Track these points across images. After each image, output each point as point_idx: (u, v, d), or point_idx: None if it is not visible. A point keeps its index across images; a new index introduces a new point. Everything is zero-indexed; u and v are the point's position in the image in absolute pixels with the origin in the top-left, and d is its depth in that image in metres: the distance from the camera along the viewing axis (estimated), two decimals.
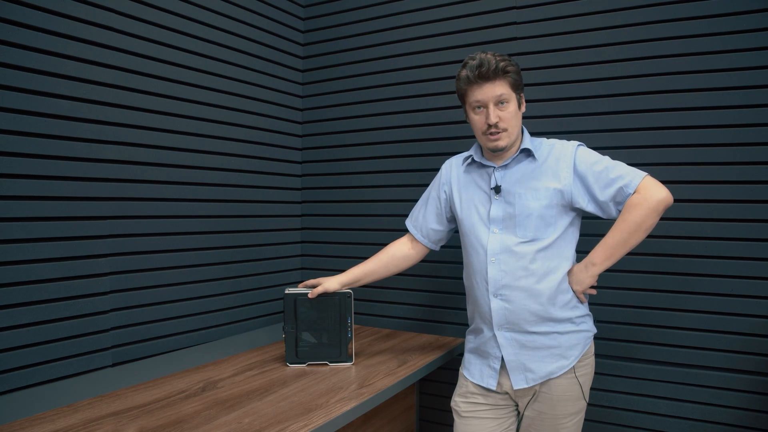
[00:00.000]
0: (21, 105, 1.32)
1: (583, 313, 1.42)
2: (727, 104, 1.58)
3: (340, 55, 2.23)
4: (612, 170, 1.34)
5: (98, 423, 1.16)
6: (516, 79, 1.35)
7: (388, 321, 2.16)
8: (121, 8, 1.55)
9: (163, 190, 1.71)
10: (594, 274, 1.37)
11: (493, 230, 1.40)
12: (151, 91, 1.65)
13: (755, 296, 1.57)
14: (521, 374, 1.39)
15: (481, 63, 1.32)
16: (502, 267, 1.37)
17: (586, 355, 1.41)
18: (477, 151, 1.49)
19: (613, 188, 1.33)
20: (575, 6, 1.77)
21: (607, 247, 1.35)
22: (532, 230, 1.37)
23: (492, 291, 1.39)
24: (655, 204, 1.29)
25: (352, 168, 2.22)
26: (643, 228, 1.31)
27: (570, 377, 1.38)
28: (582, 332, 1.40)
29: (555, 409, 1.39)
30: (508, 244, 1.37)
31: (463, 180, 1.51)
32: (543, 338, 1.37)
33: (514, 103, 1.36)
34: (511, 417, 1.46)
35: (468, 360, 1.52)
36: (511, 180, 1.41)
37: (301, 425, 1.14)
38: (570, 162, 1.37)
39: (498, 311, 1.39)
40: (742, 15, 1.56)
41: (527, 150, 1.41)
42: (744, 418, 1.59)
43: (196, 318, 1.83)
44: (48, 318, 1.40)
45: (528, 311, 1.36)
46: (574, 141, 1.42)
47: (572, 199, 1.36)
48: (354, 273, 1.62)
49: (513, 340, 1.39)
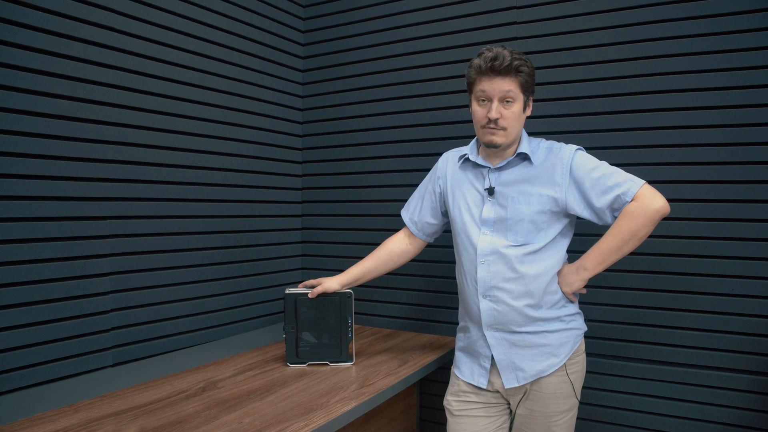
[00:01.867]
0: (21, 105, 1.32)
1: (572, 311, 1.42)
2: (727, 104, 1.58)
3: (341, 55, 2.23)
4: (610, 177, 1.32)
5: (99, 423, 1.16)
6: (527, 80, 1.33)
7: (389, 321, 2.16)
8: (121, 8, 1.55)
9: (163, 190, 1.71)
10: (584, 278, 1.37)
11: (484, 231, 1.40)
12: (151, 91, 1.65)
13: (755, 296, 1.57)
14: (512, 373, 1.39)
15: (496, 56, 1.30)
16: (492, 268, 1.37)
17: (577, 353, 1.41)
18: (473, 150, 1.47)
19: (610, 195, 1.31)
20: (575, 6, 1.77)
21: (600, 253, 1.35)
22: (524, 235, 1.36)
23: (481, 292, 1.39)
24: (651, 213, 1.28)
25: (353, 168, 2.22)
26: (637, 237, 1.30)
27: (561, 375, 1.38)
28: (571, 330, 1.40)
29: (547, 407, 1.39)
30: (497, 246, 1.37)
31: (458, 177, 1.50)
32: (533, 337, 1.37)
33: (519, 104, 1.34)
34: (504, 415, 1.46)
35: (458, 359, 1.52)
36: (505, 183, 1.40)
37: (301, 425, 1.14)
38: (566, 168, 1.35)
39: (487, 312, 1.39)
40: (742, 15, 1.56)
41: (524, 154, 1.39)
42: (744, 418, 1.59)
43: (197, 318, 1.83)
44: (48, 318, 1.40)
45: (517, 312, 1.36)
46: (572, 145, 1.40)
47: (567, 205, 1.35)
48: (353, 272, 1.62)
49: (503, 340, 1.39)
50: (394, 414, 1.88)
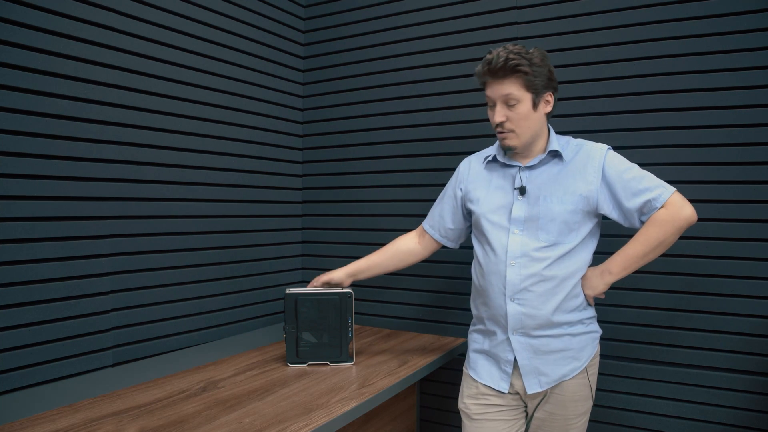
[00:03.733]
0: (21, 105, 1.32)
1: (591, 314, 1.41)
2: (727, 104, 1.58)
3: (341, 56, 2.23)
4: (641, 180, 1.31)
5: (99, 423, 1.16)
6: (531, 78, 1.28)
7: (389, 321, 2.16)
8: (121, 8, 1.55)
9: (163, 190, 1.71)
10: (609, 282, 1.36)
11: (513, 231, 1.36)
12: (151, 91, 1.65)
13: (756, 296, 1.57)
14: (535, 378, 1.37)
15: (492, 58, 1.28)
16: (522, 271, 1.34)
17: (595, 355, 1.41)
18: (500, 151, 1.44)
19: (640, 199, 1.30)
20: (576, 6, 1.77)
21: (627, 258, 1.33)
22: (555, 234, 1.33)
23: (509, 294, 1.35)
24: (681, 222, 1.28)
25: (353, 168, 2.22)
26: (664, 245, 1.30)
27: (582, 378, 1.37)
28: (591, 333, 1.40)
29: (566, 410, 1.38)
30: (528, 248, 1.34)
31: (484, 177, 1.47)
32: (556, 341, 1.35)
33: (526, 104, 1.30)
34: (522, 419, 1.44)
35: (475, 361, 1.47)
36: (537, 182, 1.37)
37: (301, 425, 1.14)
38: (598, 166, 1.33)
39: (514, 315, 1.35)
40: (742, 15, 1.56)
41: (555, 151, 1.37)
42: (744, 418, 1.59)
43: (197, 318, 1.83)
44: (48, 318, 1.40)
45: (542, 316, 1.34)
46: (602, 144, 1.38)
47: (597, 204, 1.33)
48: (359, 263, 1.62)
49: (527, 345, 1.36)
50: (394, 414, 1.88)
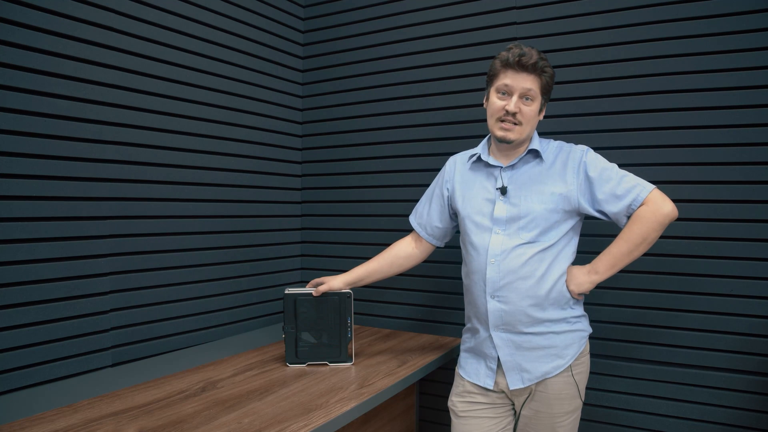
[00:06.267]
0: (21, 105, 1.33)
1: (578, 313, 1.42)
2: (727, 104, 1.58)
3: (340, 55, 2.23)
4: (621, 179, 1.34)
5: (98, 423, 1.16)
6: (548, 82, 1.36)
7: (388, 321, 2.16)
8: (121, 8, 1.55)
9: (163, 190, 1.71)
10: (594, 281, 1.38)
11: (495, 231, 1.40)
12: (151, 91, 1.65)
13: (755, 296, 1.57)
14: (517, 374, 1.39)
15: (525, 53, 1.32)
16: (501, 268, 1.37)
17: (582, 354, 1.41)
18: (485, 150, 1.48)
19: (620, 197, 1.33)
20: (575, 6, 1.77)
21: (612, 257, 1.36)
22: (536, 233, 1.36)
23: (489, 292, 1.39)
24: (662, 218, 1.30)
25: (352, 168, 2.22)
26: (647, 241, 1.32)
27: (566, 376, 1.38)
28: (577, 332, 1.41)
29: (552, 408, 1.39)
30: (508, 246, 1.37)
31: (468, 178, 1.50)
32: (538, 338, 1.37)
33: (537, 104, 1.36)
34: (509, 416, 1.46)
35: (464, 359, 1.52)
36: (517, 182, 1.41)
37: (301, 425, 1.14)
38: (578, 167, 1.37)
39: (494, 312, 1.39)
40: (742, 15, 1.56)
41: (535, 151, 1.41)
42: (744, 418, 1.59)
43: (196, 318, 1.83)
44: (48, 318, 1.40)
45: (524, 313, 1.36)
46: (582, 145, 1.42)
47: (578, 204, 1.36)
48: (357, 272, 1.62)
49: (509, 341, 1.39)
50: (393, 414, 1.88)
